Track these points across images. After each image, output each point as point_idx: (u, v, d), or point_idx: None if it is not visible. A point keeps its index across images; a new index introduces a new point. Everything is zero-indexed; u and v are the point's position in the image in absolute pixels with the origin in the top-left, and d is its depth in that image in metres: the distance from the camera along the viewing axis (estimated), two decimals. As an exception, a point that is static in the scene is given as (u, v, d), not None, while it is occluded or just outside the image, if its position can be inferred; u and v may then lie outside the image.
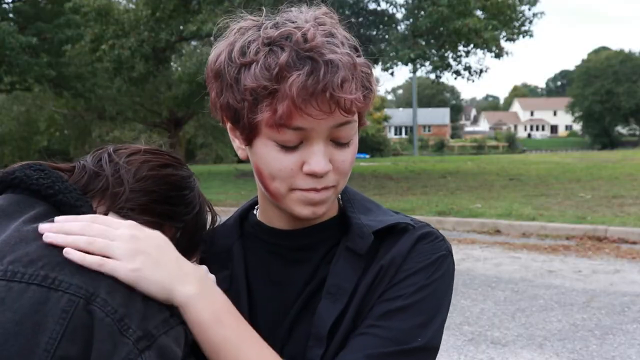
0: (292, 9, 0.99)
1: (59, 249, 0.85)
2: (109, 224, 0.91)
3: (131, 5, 20.12)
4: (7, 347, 0.77)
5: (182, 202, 1.07)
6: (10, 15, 24.97)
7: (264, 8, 1.00)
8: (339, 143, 0.96)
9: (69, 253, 0.84)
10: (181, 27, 16.72)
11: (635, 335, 4.64)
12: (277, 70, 0.88)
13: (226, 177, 17.67)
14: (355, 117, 0.95)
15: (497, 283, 6.13)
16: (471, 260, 7.01)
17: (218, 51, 0.97)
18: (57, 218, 0.90)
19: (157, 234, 0.93)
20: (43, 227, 0.87)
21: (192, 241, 1.09)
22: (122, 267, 0.86)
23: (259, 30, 0.93)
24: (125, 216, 0.98)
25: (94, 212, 0.96)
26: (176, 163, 1.09)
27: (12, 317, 0.78)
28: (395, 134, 77.18)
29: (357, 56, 0.94)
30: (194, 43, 21.61)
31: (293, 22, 0.93)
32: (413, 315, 0.97)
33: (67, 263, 0.83)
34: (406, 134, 74.69)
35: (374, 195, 12.18)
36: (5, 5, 25.09)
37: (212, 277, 1.01)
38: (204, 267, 1.01)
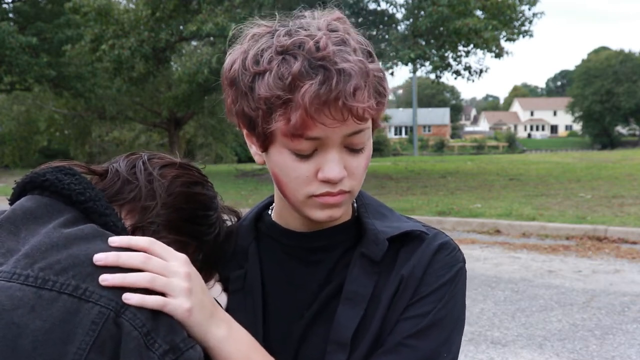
0: (306, 13, 0.99)
1: (89, 258, 0.84)
2: (164, 255, 0.90)
3: (131, 5, 20.11)
4: (35, 355, 0.76)
5: (206, 223, 1.07)
6: (10, 15, 25.00)
7: (276, 14, 1.00)
8: (353, 149, 0.96)
9: (129, 299, 0.82)
10: (181, 27, 16.70)
11: (635, 335, 4.64)
12: (290, 79, 0.88)
13: (226, 177, 17.65)
14: (369, 123, 0.96)
15: (497, 283, 6.14)
16: (471, 260, 7.00)
17: (232, 58, 0.97)
18: (111, 240, 0.87)
19: (197, 273, 0.93)
20: (98, 258, 0.84)
21: (209, 263, 1.08)
22: (180, 307, 0.86)
23: (272, 38, 0.93)
24: (154, 232, 0.98)
25: (121, 221, 0.95)
26: (204, 181, 1.09)
27: (41, 326, 0.77)
28: (395, 134, 77.19)
29: (371, 61, 0.93)
30: (194, 43, 21.60)
31: (306, 30, 0.92)
32: (439, 331, 0.99)
33: (98, 274, 0.82)
34: (406, 133, 74.69)
35: (374, 195, 12.13)
36: (5, 5, 25.11)
37: (223, 299, 1.04)
38: (215, 290, 1.03)
